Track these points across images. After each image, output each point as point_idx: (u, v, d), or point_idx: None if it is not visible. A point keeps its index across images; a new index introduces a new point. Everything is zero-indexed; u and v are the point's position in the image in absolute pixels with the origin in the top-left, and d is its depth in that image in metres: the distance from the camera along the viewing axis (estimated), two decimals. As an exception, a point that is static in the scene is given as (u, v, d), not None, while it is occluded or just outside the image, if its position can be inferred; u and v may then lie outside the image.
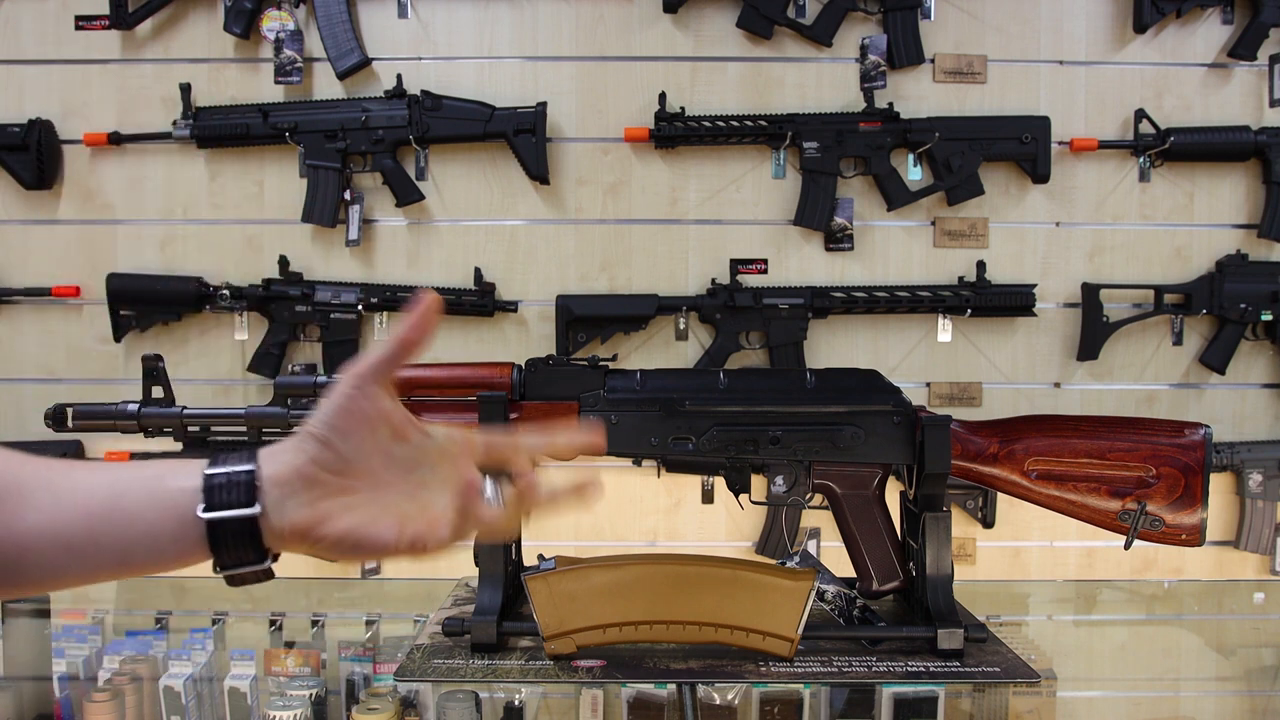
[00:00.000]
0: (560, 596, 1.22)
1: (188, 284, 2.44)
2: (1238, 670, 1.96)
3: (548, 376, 1.35)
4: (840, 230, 2.48)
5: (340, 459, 0.65)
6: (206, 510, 0.62)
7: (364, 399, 0.66)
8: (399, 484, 0.68)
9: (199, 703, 1.93)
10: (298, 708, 1.84)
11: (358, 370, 0.67)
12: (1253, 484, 2.45)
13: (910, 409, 1.34)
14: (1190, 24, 2.48)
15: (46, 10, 2.48)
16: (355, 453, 0.66)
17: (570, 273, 2.51)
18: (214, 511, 0.62)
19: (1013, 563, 2.53)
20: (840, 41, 2.47)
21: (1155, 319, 2.48)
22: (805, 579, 1.23)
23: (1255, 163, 2.47)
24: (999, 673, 1.23)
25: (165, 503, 0.63)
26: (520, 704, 1.90)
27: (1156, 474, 1.29)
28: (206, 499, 0.63)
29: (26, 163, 2.43)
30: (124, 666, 1.95)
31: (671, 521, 2.55)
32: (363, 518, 0.65)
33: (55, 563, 0.62)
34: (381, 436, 0.67)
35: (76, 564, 0.63)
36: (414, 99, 2.43)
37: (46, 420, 1.38)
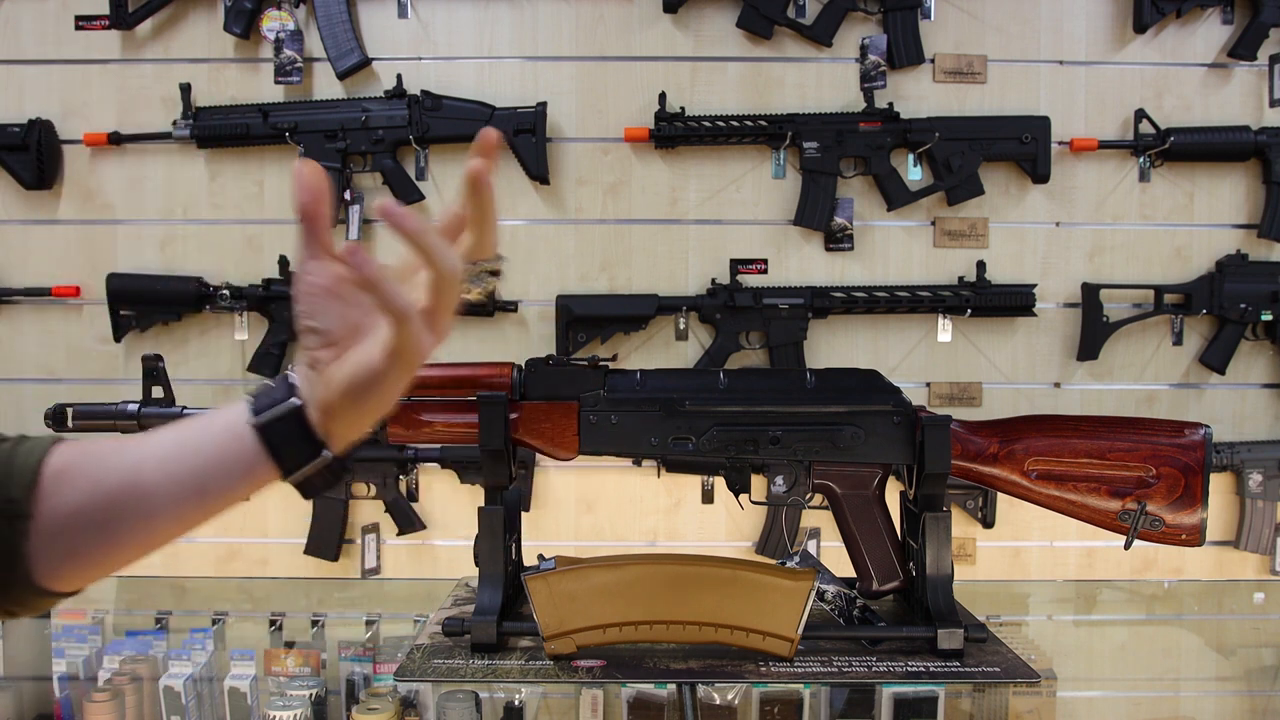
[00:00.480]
0: (560, 596, 1.22)
1: (188, 284, 2.44)
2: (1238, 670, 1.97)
3: (548, 376, 1.35)
4: (840, 230, 2.48)
5: (324, 332, 0.70)
6: (255, 415, 0.69)
7: (313, 276, 0.70)
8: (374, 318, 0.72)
9: (199, 703, 1.93)
10: (298, 708, 1.84)
11: (298, 262, 0.71)
12: (1253, 484, 2.45)
13: (910, 409, 1.34)
14: (1190, 24, 2.48)
15: (46, 10, 2.48)
16: (332, 319, 0.70)
17: (570, 273, 2.51)
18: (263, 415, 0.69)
19: (1013, 563, 2.53)
20: (840, 41, 2.47)
21: (1155, 319, 2.48)
22: (805, 579, 1.23)
23: (1255, 163, 2.47)
24: (999, 673, 1.23)
25: (221, 427, 0.71)
26: (520, 704, 1.90)
27: (1156, 474, 1.29)
28: (254, 409, 0.70)
29: (26, 163, 2.43)
30: (124, 666, 1.95)
31: (671, 521, 2.55)
32: (355, 357, 0.70)
33: (142, 511, 0.71)
34: (345, 293, 0.71)
35: (160, 508, 0.71)
36: (414, 99, 2.43)
37: (46, 420, 1.38)
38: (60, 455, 0.72)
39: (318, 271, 0.70)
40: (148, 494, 0.70)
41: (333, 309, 0.70)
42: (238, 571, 2.51)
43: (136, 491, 0.70)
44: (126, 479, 0.70)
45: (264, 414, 0.69)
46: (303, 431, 0.70)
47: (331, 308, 0.70)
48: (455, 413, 1.34)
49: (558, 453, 1.35)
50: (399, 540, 2.52)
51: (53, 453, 0.72)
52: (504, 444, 1.32)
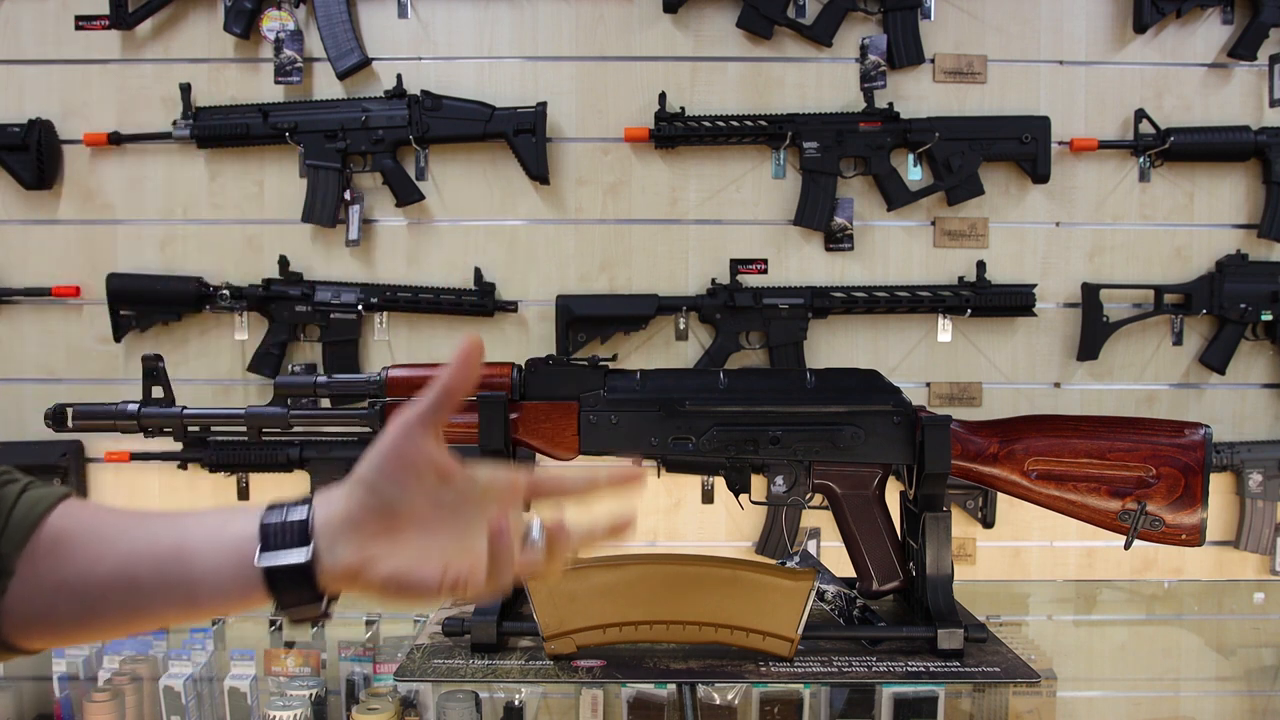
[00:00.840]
0: (560, 596, 1.22)
1: (188, 284, 2.44)
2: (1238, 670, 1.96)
3: (548, 376, 1.35)
4: (840, 230, 2.48)
5: (387, 504, 0.68)
6: (263, 551, 0.66)
7: (410, 445, 0.68)
8: (445, 527, 0.70)
9: (199, 703, 1.93)
10: (298, 708, 1.84)
11: (405, 418, 0.69)
12: (1253, 484, 2.45)
13: (910, 409, 1.34)
14: (1190, 24, 2.48)
15: (46, 10, 2.48)
16: (401, 498, 0.68)
17: (570, 273, 2.51)
18: (270, 554, 0.66)
19: (1013, 563, 2.53)
20: (840, 41, 2.47)
21: (1155, 319, 2.48)
22: (805, 579, 1.23)
23: (1255, 163, 2.47)
24: (999, 673, 1.23)
25: (227, 548, 0.67)
26: (520, 704, 1.90)
27: (1156, 474, 1.29)
28: (263, 542, 0.66)
29: (26, 163, 2.43)
30: (124, 666, 1.95)
31: (671, 521, 2.55)
32: (408, 560, 0.67)
33: (129, 605, 0.68)
34: (427, 481, 0.69)
35: (147, 605, 0.68)
36: (414, 99, 2.43)
37: (46, 420, 1.38)
38: (61, 519, 0.69)
39: (419, 444, 0.68)
40: (137, 590, 0.68)
41: (410, 488, 0.68)
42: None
43: (127, 585, 0.67)
44: (120, 569, 0.67)
45: (274, 552, 0.66)
46: (308, 583, 0.67)
47: (410, 486, 0.68)
48: (455, 412, 1.33)
49: (558, 453, 1.35)
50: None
51: (54, 514, 0.69)
52: (504, 444, 1.32)
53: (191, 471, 2.48)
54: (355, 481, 0.68)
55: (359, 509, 0.67)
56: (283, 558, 0.66)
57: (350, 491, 0.68)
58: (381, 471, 0.68)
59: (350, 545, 0.67)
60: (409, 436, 0.68)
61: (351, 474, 0.69)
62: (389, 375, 1.35)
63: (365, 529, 0.67)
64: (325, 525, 0.67)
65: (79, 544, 0.69)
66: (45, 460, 2.46)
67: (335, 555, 0.66)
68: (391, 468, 0.68)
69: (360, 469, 0.68)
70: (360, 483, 0.68)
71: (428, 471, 0.69)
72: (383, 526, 0.67)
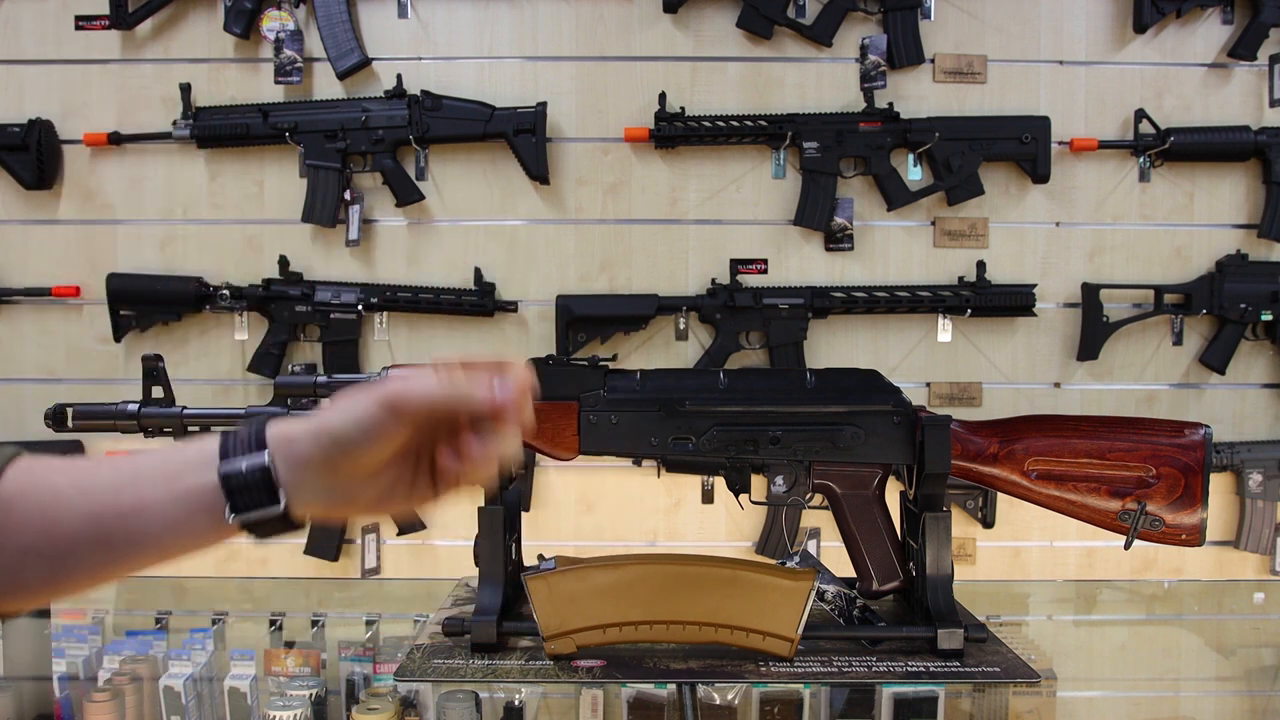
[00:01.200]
0: (560, 596, 1.22)
1: (188, 284, 2.44)
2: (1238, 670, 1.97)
3: (548, 376, 1.35)
4: (840, 230, 2.48)
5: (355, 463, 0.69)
6: (233, 513, 0.67)
7: (390, 435, 0.68)
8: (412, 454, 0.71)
9: (199, 703, 1.93)
10: (298, 708, 1.84)
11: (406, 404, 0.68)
12: (1253, 484, 2.45)
13: (910, 409, 1.34)
14: (1190, 24, 2.48)
15: (46, 10, 2.48)
16: (359, 468, 0.69)
17: (570, 273, 2.51)
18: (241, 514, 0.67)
19: (1013, 563, 2.53)
20: (840, 41, 2.47)
21: (1155, 319, 2.48)
22: (805, 579, 1.23)
23: (1255, 163, 2.47)
24: (999, 673, 1.23)
25: (193, 503, 0.68)
26: (520, 704, 1.90)
27: (1156, 474, 1.29)
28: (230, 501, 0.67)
29: (26, 163, 2.43)
30: (124, 666, 1.95)
31: (671, 521, 2.55)
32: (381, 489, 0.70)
33: (98, 562, 0.68)
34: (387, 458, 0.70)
35: (117, 561, 0.69)
36: (414, 99, 2.43)
37: (46, 420, 1.38)
38: (13, 481, 0.69)
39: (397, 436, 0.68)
40: (107, 547, 0.68)
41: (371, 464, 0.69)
42: (238, 571, 2.51)
43: (95, 544, 0.67)
44: (86, 529, 0.67)
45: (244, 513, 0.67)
46: (283, 524, 0.68)
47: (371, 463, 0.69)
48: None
49: (558, 453, 1.35)
50: (399, 540, 2.52)
51: (5, 477, 0.69)
52: (504, 444, 1.31)
53: (191, 471, 2.47)
54: (326, 434, 0.68)
55: (322, 458, 0.68)
56: (256, 514, 0.67)
57: (317, 439, 0.68)
58: (357, 443, 0.67)
59: (319, 489, 0.68)
60: (398, 424, 0.68)
61: (323, 419, 0.68)
62: (389, 375, 1.35)
63: (335, 472, 0.68)
64: (290, 469, 0.68)
65: (37, 506, 0.68)
66: (45, 460, 2.46)
67: (305, 498, 0.68)
68: (360, 448, 0.68)
69: (335, 423, 0.68)
70: (332, 440, 0.68)
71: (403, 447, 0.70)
72: (352, 470, 0.68)
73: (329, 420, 0.68)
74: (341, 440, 0.67)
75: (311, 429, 0.68)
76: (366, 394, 0.68)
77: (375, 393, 0.68)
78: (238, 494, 0.67)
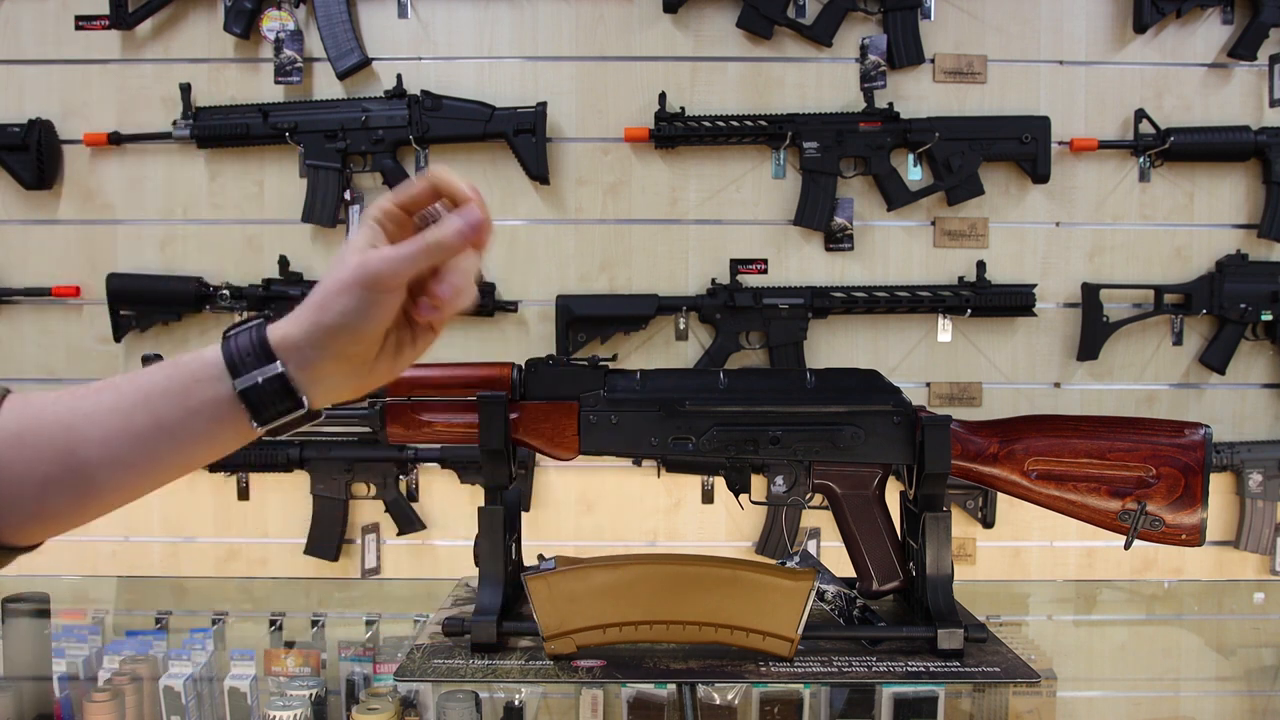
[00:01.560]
0: (560, 596, 1.22)
1: (188, 284, 2.44)
2: (1238, 670, 1.96)
3: (548, 376, 1.35)
4: (840, 230, 2.48)
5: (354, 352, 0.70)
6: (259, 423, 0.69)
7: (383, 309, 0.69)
8: None
9: (199, 703, 1.93)
10: (298, 708, 1.84)
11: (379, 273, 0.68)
12: (1253, 484, 2.45)
13: (910, 409, 1.34)
14: (1190, 24, 2.48)
15: (46, 10, 2.48)
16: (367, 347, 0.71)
17: (570, 273, 2.51)
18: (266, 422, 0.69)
19: (1013, 563, 2.53)
20: (840, 41, 2.47)
21: (1155, 319, 2.48)
22: (805, 579, 1.23)
23: (1255, 163, 2.47)
24: (999, 673, 1.23)
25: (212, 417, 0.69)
26: (520, 704, 1.90)
27: (1156, 474, 1.29)
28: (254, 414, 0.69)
29: (26, 163, 2.43)
30: (124, 666, 1.95)
31: (671, 521, 2.55)
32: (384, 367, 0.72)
33: (122, 481, 0.69)
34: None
35: (141, 477, 0.70)
36: (414, 99, 2.43)
37: (46, 420, 1.38)
38: (12, 416, 0.70)
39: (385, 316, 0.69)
40: (130, 466, 0.69)
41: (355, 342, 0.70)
42: (238, 571, 2.51)
43: (117, 464, 0.68)
44: (105, 453, 0.68)
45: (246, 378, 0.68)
46: (285, 389, 0.69)
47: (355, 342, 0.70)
48: (455, 413, 1.34)
49: (558, 453, 1.35)
50: (399, 540, 2.52)
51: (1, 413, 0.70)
52: (504, 444, 1.31)
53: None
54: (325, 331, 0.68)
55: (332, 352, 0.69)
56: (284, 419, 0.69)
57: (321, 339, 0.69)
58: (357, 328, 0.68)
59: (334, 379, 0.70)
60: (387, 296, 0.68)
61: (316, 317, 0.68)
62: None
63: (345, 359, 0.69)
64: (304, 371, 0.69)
65: (48, 439, 0.69)
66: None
67: (324, 391, 0.70)
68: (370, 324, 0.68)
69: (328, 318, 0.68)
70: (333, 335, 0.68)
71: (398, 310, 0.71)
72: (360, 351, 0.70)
73: (322, 317, 0.68)
74: (341, 332, 0.68)
75: (308, 328, 0.69)
76: (343, 279, 0.68)
77: (351, 274, 0.68)
78: (261, 405, 0.68)
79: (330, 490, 2.46)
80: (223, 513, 2.53)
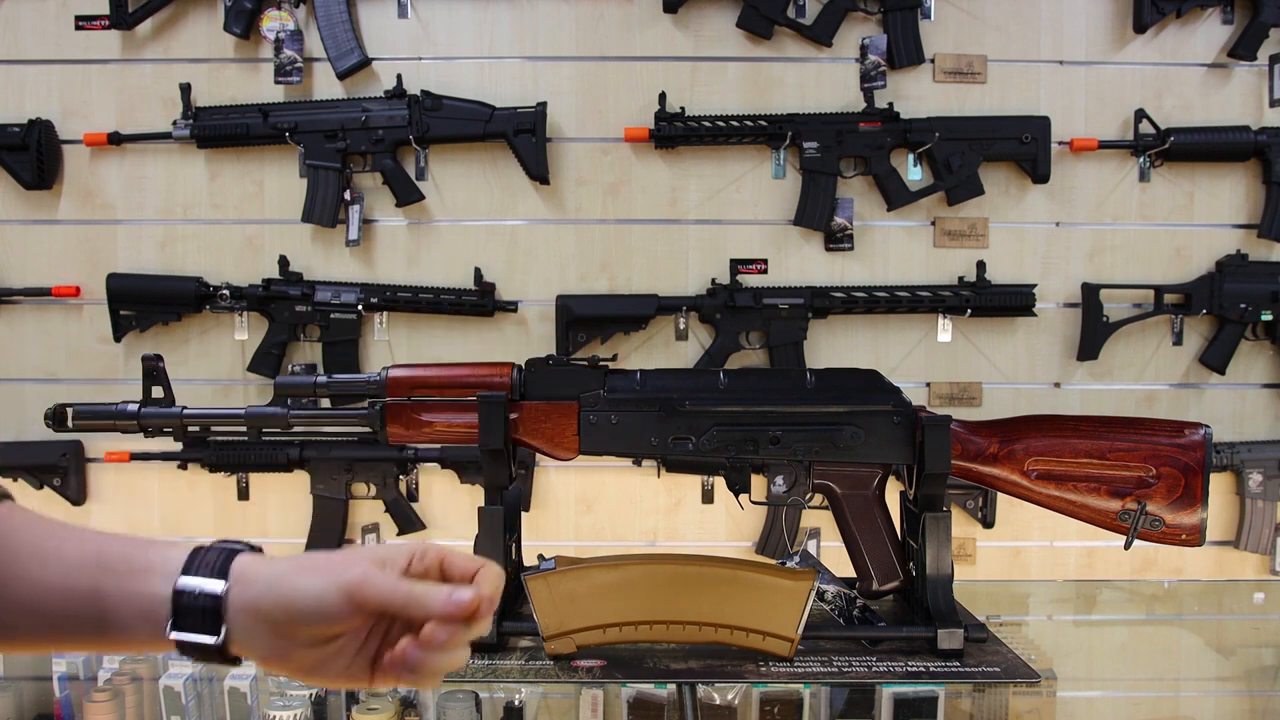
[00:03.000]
0: (560, 596, 1.22)
1: (188, 284, 2.44)
2: (1238, 670, 1.96)
3: (548, 376, 1.35)
4: (840, 230, 2.48)
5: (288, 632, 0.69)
6: (173, 629, 0.68)
7: (340, 622, 0.68)
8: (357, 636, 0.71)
9: (199, 703, 1.93)
10: (298, 708, 1.84)
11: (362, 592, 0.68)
12: (1253, 484, 2.45)
13: (910, 409, 1.34)
14: (1190, 24, 2.48)
15: (46, 10, 2.48)
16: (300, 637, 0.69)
17: (570, 273, 2.51)
18: (179, 633, 0.68)
19: (1013, 563, 2.53)
20: (840, 41, 2.47)
21: (1155, 319, 2.48)
22: (805, 579, 1.23)
23: (1255, 163, 2.47)
24: (999, 673, 1.23)
25: (143, 609, 0.68)
26: (520, 704, 1.90)
27: (1156, 474, 1.29)
28: (175, 618, 0.67)
29: (26, 163, 2.43)
30: (124, 666, 1.95)
31: (671, 521, 2.55)
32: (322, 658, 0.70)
33: (38, 634, 0.69)
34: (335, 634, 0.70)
35: (56, 638, 0.69)
36: (414, 99, 2.43)
37: (47, 420, 1.38)
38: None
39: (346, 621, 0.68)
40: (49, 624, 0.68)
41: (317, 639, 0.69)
42: (238, 571, 2.51)
43: (40, 618, 0.68)
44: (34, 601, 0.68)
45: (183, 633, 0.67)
46: (217, 652, 0.68)
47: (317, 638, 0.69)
48: (455, 413, 1.34)
49: (558, 453, 1.35)
50: (399, 540, 2.52)
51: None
52: (504, 444, 1.32)
53: (191, 471, 2.48)
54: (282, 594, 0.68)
55: (270, 614, 0.68)
56: (193, 637, 0.67)
57: (272, 595, 0.68)
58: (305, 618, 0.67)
59: (257, 638, 0.68)
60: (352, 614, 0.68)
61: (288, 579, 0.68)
62: (389, 375, 1.36)
63: (276, 632, 0.68)
64: (239, 609, 0.67)
65: None
66: (45, 460, 2.46)
67: (243, 640, 0.68)
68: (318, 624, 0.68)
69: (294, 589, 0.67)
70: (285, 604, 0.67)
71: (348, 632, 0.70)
72: (293, 636, 0.68)
73: (291, 583, 0.68)
74: (292, 609, 0.67)
75: (272, 581, 0.68)
76: (334, 572, 0.68)
77: (342, 577, 0.68)
78: (183, 614, 0.67)
79: (330, 490, 2.46)
80: (223, 513, 2.53)
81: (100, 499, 2.51)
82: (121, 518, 2.51)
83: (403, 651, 0.68)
